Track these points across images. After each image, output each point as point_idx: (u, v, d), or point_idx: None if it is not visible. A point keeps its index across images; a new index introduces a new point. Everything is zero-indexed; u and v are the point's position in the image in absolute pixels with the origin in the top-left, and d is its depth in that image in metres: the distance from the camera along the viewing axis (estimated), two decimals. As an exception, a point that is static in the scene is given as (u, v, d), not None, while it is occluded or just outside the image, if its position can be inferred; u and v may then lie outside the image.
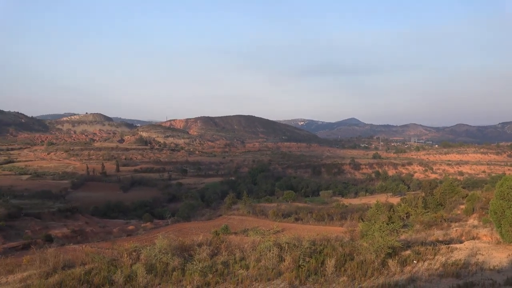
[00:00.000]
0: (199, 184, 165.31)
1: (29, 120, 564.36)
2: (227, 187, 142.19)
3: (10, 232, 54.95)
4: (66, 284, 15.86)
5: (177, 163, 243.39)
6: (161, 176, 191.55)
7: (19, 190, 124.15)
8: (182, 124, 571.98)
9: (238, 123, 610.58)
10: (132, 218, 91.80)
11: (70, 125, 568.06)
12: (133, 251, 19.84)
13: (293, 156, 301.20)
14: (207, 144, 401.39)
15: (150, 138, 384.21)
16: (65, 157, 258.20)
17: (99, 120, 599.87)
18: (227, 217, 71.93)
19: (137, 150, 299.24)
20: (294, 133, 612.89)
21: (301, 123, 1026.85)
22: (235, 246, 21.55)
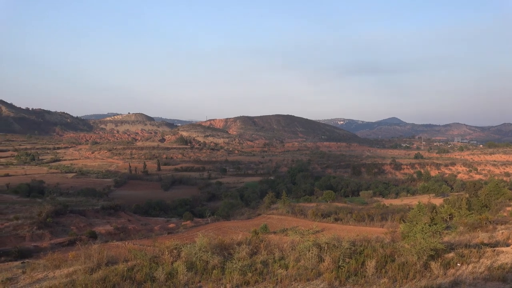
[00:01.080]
0: (238, 183, 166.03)
1: (74, 120, 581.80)
2: (266, 186, 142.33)
3: (57, 229, 56.71)
4: (110, 280, 16.23)
5: (217, 162, 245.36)
6: (201, 175, 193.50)
7: (65, 188, 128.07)
8: (222, 124, 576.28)
9: (277, 123, 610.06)
10: (173, 216, 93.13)
11: (113, 125, 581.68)
12: (174, 248, 20.12)
13: (332, 156, 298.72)
14: (246, 143, 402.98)
15: (190, 137, 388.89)
16: (108, 156, 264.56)
17: (141, 120, 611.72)
18: (266, 216, 72.00)
19: (178, 149, 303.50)
20: (333, 133, 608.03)
21: (341, 123, 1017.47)
22: (274, 246, 21.54)
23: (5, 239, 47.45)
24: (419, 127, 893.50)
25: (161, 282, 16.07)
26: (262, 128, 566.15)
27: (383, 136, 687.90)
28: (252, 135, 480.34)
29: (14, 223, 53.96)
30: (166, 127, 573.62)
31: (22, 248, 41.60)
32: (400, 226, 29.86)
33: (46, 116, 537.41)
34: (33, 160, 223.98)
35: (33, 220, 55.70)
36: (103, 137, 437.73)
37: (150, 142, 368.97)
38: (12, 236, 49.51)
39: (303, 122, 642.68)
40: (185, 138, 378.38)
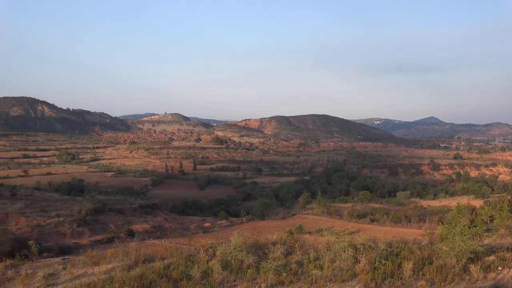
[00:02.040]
0: (273, 183, 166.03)
1: (113, 120, 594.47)
2: (301, 186, 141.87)
3: (96, 226, 58.03)
4: (147, 277, 16.52)
5: (252, 162, 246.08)
6: (236, 174, 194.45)
7: (103, 187, 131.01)
8: (257, 124, 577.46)
9: (312, 123, 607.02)
10: (208, 215, 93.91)
11: (150, 125, 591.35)
12: (209, 247, 20.29)
13: (368, 156, 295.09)
14: (281, 143, 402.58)
15: (226, 137, 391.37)
16: (146, 155, 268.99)
17: (178, 120, 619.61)
18: (301, 216, 71.77)
19: (213, 149, 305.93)
20: (369, 133, 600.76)
21: (377, 122, 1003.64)
22: (309, 246, 21.44)
23: (47, 236, 48.89)
24: (458, 127, 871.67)
25: (197, 281, 16.24)
26: (297, 128, 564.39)
27: (420, 136, 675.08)
28: (287, 135, 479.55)
29: (55, 221, 55.53)
30: (202, 127, 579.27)
31: (62, 245, 42.77)
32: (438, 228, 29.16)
33: (86, 116, 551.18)
34: (73, 159, 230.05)
35: (73, 218, 57.17)
36: (140, 137, 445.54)
37: (186, 142, 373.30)
38: (53, 233, 50.97)
39: (338, 122, 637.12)
40: (221, 138, 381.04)
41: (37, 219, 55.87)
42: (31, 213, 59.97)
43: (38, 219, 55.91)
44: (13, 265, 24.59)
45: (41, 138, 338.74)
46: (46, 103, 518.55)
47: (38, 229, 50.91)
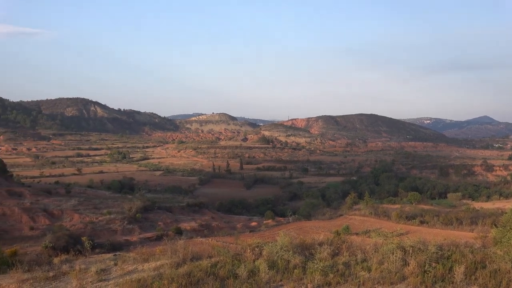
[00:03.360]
0: (320, 183, 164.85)
1: (162, 120, 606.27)
2: (348, 186, 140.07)
3: (145, 224, 59.40)
4: (194, 275, 16.77)
5: (298, 162, 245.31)
6: (282, 174, 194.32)
7: (153, 185, 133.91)
8: (304, 123, 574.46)
9: (360, 122, 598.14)
10: (255, 214, 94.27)
11: (198, 125, 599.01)
12: (255, 246, 20.39)
13: (418, 156, 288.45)
14: (328, 143, 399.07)
15: (272, 137, 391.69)
16: (193, 154, 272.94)
17: (225, 120, 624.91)
18: (348, 217, 70.96)
19: (260, 149, 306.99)
20: (419, 132, 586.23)
21: (427, 122, 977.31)
22: (356, 247, 21.19)
23: (99, 233, 50.48)
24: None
25: (243, 279, 16.35)
26: (344, 127, 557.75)
27: (473, 136, 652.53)
28: (334, 135, 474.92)
29: (107, 218, 57.24)
30: (248, 127, 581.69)
31: (114, 241, 44.01)
32: (491, 231, 28.12)
33: (136, 116, 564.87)
34: (124, 158, 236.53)
35: (124, 215, 58.75)
36: (188, 137, 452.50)
37: (233, 141, 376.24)
38: (105, 230, 52.56)
39: (387, 121, 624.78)
40: (267, 138, 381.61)
41: (90, 216, 57.80)
42: (84, 210, 62.08)
43: (91, 216, 57.82)
44: (68, 260, 25.59)
45: (94, 137, 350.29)
46: (99, 104, 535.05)
47: (90, 225, 52.65)
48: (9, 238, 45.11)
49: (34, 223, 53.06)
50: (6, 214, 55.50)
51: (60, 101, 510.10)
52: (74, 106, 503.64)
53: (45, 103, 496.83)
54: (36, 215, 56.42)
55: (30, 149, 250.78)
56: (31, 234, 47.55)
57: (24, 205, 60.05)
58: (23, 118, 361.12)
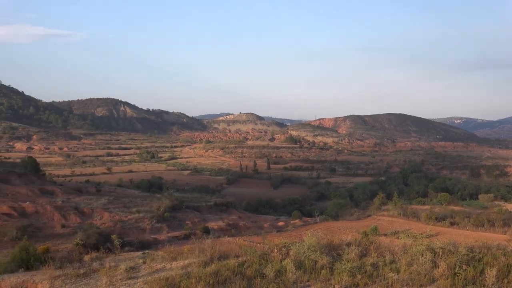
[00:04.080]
0: (347, 183, 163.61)
1: (190, 120, 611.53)
2: (376, 187, 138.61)
3: (174, 223, 60.01)
4: (222, 274, 16.87)
5: (326, 162, 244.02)
6: (310, 174, 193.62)
7: (181, 184, 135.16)
8: (331, 123, 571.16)
9: (388, 122, 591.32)
10: (282, 214, 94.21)
11: (225, 124, 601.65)
12: (283, 246, 20.39)
13: (448, 156, 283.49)
14: (356, 143, 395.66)
15: (300, 136, 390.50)
16: (221, 154, 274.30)
17: (252, 120, 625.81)
18: (376, 218, 70.26)
19: (287, 149, 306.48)
20: (449, 132, 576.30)
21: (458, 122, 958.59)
22: (384, 248, 20.96)
23: (129, 231, 51.25)
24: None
25: (270, 279, 16.37)
26: (372, 127, 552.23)
27: (506, 136, 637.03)
28: (362, 135, 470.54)
29: (136, 216, 58.05)
30: (275, 127, 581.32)
31: (142, 240, 44.66)
32: (525, 233, 27.55)
33: (164, 116, 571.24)
34: (152, 158, 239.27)
35: (152, 214, 59.48)
36: (216, 136, 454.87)
37: (260, 141, 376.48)
38: (134, 228, 53.32)
39: (416, 121, 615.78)
40: (294, 137, 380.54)
41: (119, 215, 58.71)
42: (114, 208, 63.09)
43: (120, 215, 58.73)
44: (98, 258, 26.08)
45: (123, 137, 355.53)
46: (128, 104, 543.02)
47: (120, 224, 53.48)
48: (42, 236, 46.20)
49: (66, 221, 54.20)
50: (39, 212, 56.87)
51: (91, 102, 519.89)
52: (104, 106, 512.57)
53: (76, 103, 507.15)
54: (67, 213, 57.62)
55: (61, 149, 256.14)
56: (62, 231, 48.59)
57: (56, 203, 61.42)
58: (55, 118, 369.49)
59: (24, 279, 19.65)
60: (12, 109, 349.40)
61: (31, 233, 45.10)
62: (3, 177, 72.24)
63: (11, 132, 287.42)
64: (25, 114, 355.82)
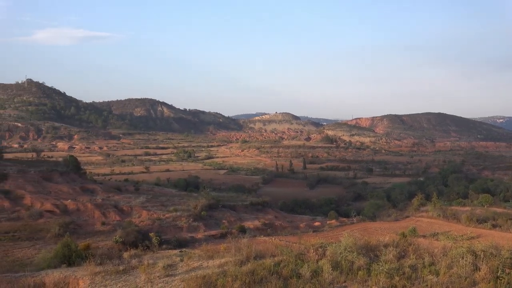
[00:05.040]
0: (385, 184, 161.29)
1: (226, 120, 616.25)
2: (414, 187, 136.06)
3: (210, 221, 60.51)
4: (258, 273, 16.94)
5: (363, 162, 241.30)
6: (346, 174, 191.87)
7: (217, 184, 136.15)
8: (368, 123, 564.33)
9: (427, 121, 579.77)
10: (318, 214, 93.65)
11: (261, 124, 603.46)
12: (319, 247, 20.32)
13: (490, 157, 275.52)
14: (393, 142, 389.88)
15: (336, 136, 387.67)
16: (257, 154, 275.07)
17: (288, 119, 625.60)
18: (414, 219, 68.95)
19: (323, 148, 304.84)
20: (491, 132, 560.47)
21: (500, 121, 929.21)
22: (423, 250, 20.61)
23: (166, 229, 51.98)
24: None
25: (307, 279, 16.34)
26: (410, 127, 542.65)
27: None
28: (400, 134, 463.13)
29: (173, 215, 58.84)
30: (311, 126, 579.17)
31: (180, 238, 45.18)
32: None
33: (201, 116, 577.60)
34: (189, 157, 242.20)
35: (189, 213, 60.14)
36: (251, 136, 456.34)
37: (296, 141, 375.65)
38: (171, 226, 54.05)
39: (456, 120, 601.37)
40: (331, 137, 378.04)
41: (157, 213, 59.66)
42: (152, 207, 64.16)
43: (158, 213, 59.66)
44: (137, 255, 26.60)
45: (161, 136, 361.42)
46: (165, 104, 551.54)
47: (158, 222, 54.30)
48: (83, 233, 47.42)
49: (106, 219, 55.47)
50: (80, 209, 58.43)
51: (129, 102, 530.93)
52: (142, 107, 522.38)
53: (115, 104, 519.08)
54: (107, 211, 58.99)
55: (101, 148, 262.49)
56: (102, 229, 49.72)
57: (96, 201, 62.99)
58: (95, 118, 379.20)
59: (66, 274, 20.26)
60: (55, 110, 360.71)
61: (72, 230, 46.34)
62: (46, 176, 74.59)
63: (53, 132, 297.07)
64: (67, 114, 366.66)
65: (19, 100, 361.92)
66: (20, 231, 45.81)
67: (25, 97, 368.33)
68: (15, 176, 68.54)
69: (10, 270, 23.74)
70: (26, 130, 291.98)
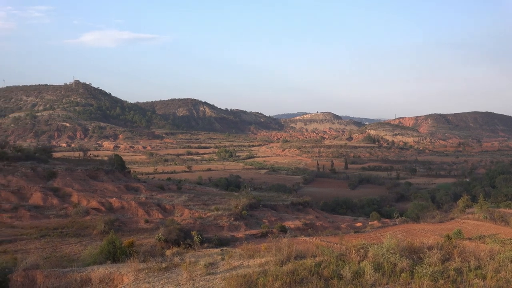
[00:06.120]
0: (429, 185, 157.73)
1: (267, 119, 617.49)
2: (460, 189, 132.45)
3: (251, 221, 60.80)
4: (298, 273, 16.92)
5: (406, 162, 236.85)
6: (389, 174, 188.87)
7: (258, 183, 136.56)
8: (412, 122, 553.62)
9: (473, 120, 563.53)
10: (359, 215, 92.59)
11: (302, 124, 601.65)
12: (361, 248, 20.09)
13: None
14: (438, 142, 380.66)
15: (378, 136, 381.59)
16: (298, 153, 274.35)
17: (329, 119, 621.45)
18: (460, 221, 67.14)
19: (365, 148, 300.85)
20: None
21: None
22: (469, 253, 20.05)
23: (208, 228, 52.57)
24: None
25: (348, 280, 16.20)
26: (456, 126, 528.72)
27: None
28: (444, 134, 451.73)
29: (214, 214, 59.43)
30: (353, 126, 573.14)
31: (221, 237, 45.58)
32: None
33: (242, 116, 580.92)
34: (230, 157, 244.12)
35: (230, 212, 60.60)
36: (293, 136, 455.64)
37: (338, 140, 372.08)
38: (213, 225, 54.60)
39: (505, 119, 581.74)
40: (373, 137, 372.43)
41: (199, 212, 60.43)
42: (193, 205, 65.05)
43: (200, 212, 60.41)
44: (179, 253, 27.06)
45: (203, 136, 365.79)
46: (207, 104, 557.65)
47: (199, 221, 54.97)
48: (127, 230, 48.58)
49: (149, 217, 56.62)
50: (124, 207, 59.90)
51: (172, 102, 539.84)
52: (185, 107, 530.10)
53: (159, 104, 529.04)
54: (150, 209, 60.22)
55: (145, 147, 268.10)
56: (146, 226, 50.78)
57: (140, 199, 64.39)
58: (139, 118, 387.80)
59: (111, 270, 20.82)
60: (101, 110, 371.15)
61: (117, 227, 47.54)
62: (93, 174, 76.80)
63: (99, 131, 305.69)
64: (112, 114, 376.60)
65: (67, 100, 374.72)
66: (67, 228, 47.44)
67: (73, 98, 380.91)
68: (63, 174, 70.90)
69: (59, 265, 24.58)
70: (73, 130, 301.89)
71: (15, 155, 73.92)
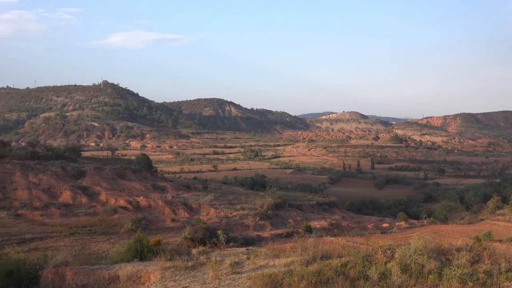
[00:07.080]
0: (457, 185, 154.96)
1: (293, 119, 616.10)
2: (490, 189, 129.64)
3: (276, 220, 60.87)
4: (324, 273, 16.84)
5: (434, 162, 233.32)
6: (416, 175, 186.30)
7: (283, 183, 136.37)
8: (440, 121, 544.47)
9: (504, 120, 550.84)
10: (386, 215, 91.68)
11: (328, 123, 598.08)
12: (387, 249, 19.86)
13: None
14: (467, 142, 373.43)
15: (405, 135, 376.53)
16: (323, 153, 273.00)
17: (355, 118, 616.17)
18: (490, 222, 65.86)
19: (392, 148, 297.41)
20: None
21: None
22: (500, 255, 19.61)
23: (233, 227, 52.85)
24: None
25: (374, 281, 16.05)
26: (486, 126, 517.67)
27: None
28: (474, 134, 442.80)
29: (240, 213, 59.70)
30: (380, 125, 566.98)
31: (246, 236, 45.79)
32: None
33: (268, 115, 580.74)
34: (256, 156, 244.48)
35: (256, 211, 60.77)
36: (318, 135, 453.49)
37: (364, 140, 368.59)
38: (238, 225, 54.88)
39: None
40: (400, 137, 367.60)
41: (224, 211, 60.78)
42: (219, 205, 65.46)
43: (225, 211, 60.76)
44: (205, 252, 27.25)
45: (228, 136, 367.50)
46: (233, 104, 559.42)
47: (225, 220, 55.33)
48: (154, 228, 49.23)
49: (175, 215, 57.22)
50: (151, 206, 60.69)
51: (198, 102, 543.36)
52: (211, 106, 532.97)
53: (185, 104, 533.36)
54: (176, 208, 60.84)
55: (171, 147, 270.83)
56: (172, 225, 51.34)
57: (166, 198, 65.11)
58: (165, 118, 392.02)
59: (138, 268, 21.12)
60: (128, 110, 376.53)
61: (144, 226, 48.22)
62: (120, 173, 78.02)
63: (127, 131, 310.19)
64: (139, 114, 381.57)
65: (96, 101, 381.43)
66: (96, 226, 48.35)
67: (101, 98, 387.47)
68: (92, 173, 72.21)
69: (87, 263, 25.03)
70: (102, 130, 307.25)
71: (46, 154, 75.66)
